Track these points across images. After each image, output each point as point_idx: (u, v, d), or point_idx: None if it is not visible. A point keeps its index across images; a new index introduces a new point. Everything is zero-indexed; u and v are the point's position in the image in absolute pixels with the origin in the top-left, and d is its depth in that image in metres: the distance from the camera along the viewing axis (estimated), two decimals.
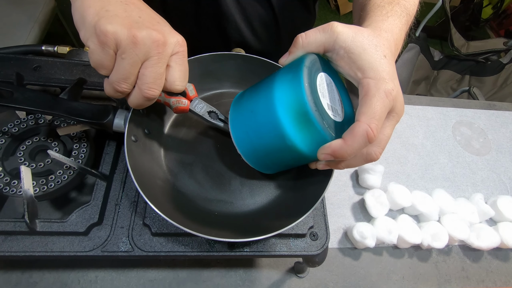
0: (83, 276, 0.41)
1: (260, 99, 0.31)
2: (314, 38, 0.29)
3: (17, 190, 0.35)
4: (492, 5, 2.00)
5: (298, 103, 0.27)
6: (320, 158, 0.28)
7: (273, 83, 0.30)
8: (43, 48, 0.48)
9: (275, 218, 0.35)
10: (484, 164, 0.63)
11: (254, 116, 0.31)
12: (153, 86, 0.28)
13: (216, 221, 0.36)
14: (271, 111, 0.29)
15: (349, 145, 0.26)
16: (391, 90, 0.26)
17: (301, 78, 0.27)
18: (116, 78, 0.28)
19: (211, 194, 0.38)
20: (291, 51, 0.31)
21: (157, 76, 0.28)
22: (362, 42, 0.28)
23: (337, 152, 0.27)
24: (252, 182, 0.39)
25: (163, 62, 0.28)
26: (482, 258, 0.52)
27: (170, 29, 0.30)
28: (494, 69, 1.43)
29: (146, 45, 0.27)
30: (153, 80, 0.28)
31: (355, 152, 0.27)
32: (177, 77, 0.30)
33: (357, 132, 0.26)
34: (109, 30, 0.25)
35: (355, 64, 0.28)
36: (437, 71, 1.52)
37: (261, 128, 0.30)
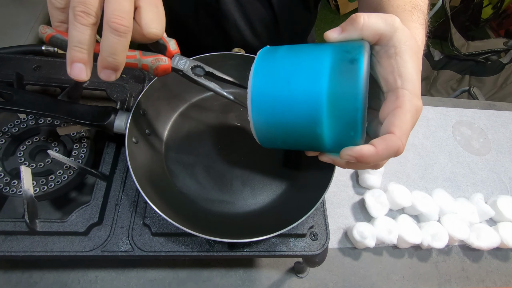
0: (83, 276, 0.41)
1: (305, 73, 0.26)
2: (376, 23, 0.26)
3: (17, 190, 0.35)
4: (492, 5, 2.00)
5: (350, 96, 0.24)
6: (342, 157, 0.26)
7: (324, 61, 0.26)
8: (43, 48, 0.48)
9: (276, 218, 0.36)
10: (484, 164, 0.63)
11: (289, 87, 0.26)
12: (120, 13, 0.24)
13: (217, 222, 0.36)
14: (316, 93, 0.25)
15: (379, 155, 0.25)
16: (419, 106, 0.26)
17: (361, 70, 0.24)
18: (75, 2, 0.24)
19: (213, 194, 0.38)
20: (346, 29, 0.27)
21: (123, 6, 0.24)
22: (412, 49, 0.26)
23: (364, 158, 0.25)
24: (254, 182, 0.39)
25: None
26: (482, 258, 0.52)
27: None
28: (494, 69, 1.43)
29: None
30: (119, 7, 0.24)
31: (380, 162, 0.26)
32: (149, 18, 0.26)
33: (391, 145, 0.25)
34: None
35: (399, 69, 0.26)
36: (437, 71, 1.52)
37: (293, 103, 0.26)
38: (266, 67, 0.28)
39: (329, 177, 0.35)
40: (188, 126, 0.42)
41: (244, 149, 0.41)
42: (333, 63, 0.25)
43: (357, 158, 0.25)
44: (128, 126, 0.34)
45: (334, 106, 0.25)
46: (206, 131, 0.42)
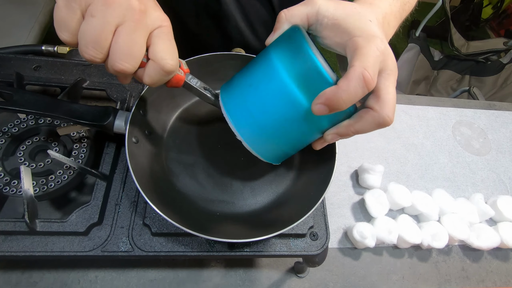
0: (83, 276, 0.41)
1: (260, 71, 0.29)
2: (297, 10, 0.29)
3: (17, 190, 0.35)
4: (492, 5, 2.00)
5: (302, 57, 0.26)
6: (315, 110, 0.26)
7: (269, 51, 0.29)
8: (43, 48, 0.48)
9: (276, 218, 0.36)
10: (484, 164, 0.63)
11: (255, 89, 0.29)
12: (125, 58, 0.25)
13: (217, 222, 0.36)
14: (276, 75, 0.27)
15: (344, 90, 0.24)
16: (379, 44, 0.26)
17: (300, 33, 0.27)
18: (84, 41, 0.24)
19: (213, 194, 0.38)
20: (276, 27, 0.30)
21: (132, 46, 0.25)
22: (345, 9, 0.28)
23: (331, 99, 0.25)
24: (254, 182, 0.39)
25: (141, 31, 0.25)
26: (482, 258, 0.52)
27: (156, 6, 0.27)
28: (494, 69, 1.43)
29: (122, 7, 0.24)
30: (127, 50, 0.24)
31: (351, 98, 0.25)
32: (163, 52, 0.26)
33: (352, 75, 0.24)
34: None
35: (339, 28, 0.28)
36: (437, 71, 1.52)
37: (266, 98, 0.28)
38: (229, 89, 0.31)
39: (328, 177, 0.35)
40: (188, 126, 0.42)
41: (244, 149, 0.41)
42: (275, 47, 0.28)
43: (326, 103, 0.25)
44: (128, 126, 0.34)
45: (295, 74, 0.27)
46: (206, 131, 0.42)
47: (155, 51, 0.26)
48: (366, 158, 0.59)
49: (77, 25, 0.24)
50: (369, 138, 0.62)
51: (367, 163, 0.54)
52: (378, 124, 0.27)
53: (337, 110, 0.25)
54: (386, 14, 0.32)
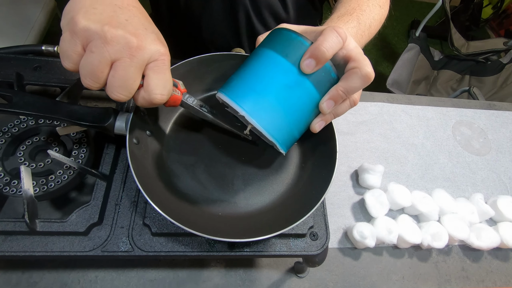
0: (83, 276, 0.41)
1: (252, 57, 0.34)
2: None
3: (17, 190, 0.35)
4: (492, 5, 2.00)
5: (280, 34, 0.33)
6: (303, 67, 0.30)
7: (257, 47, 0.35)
8: (43, 48, 0.48)
9: (277, 218, 0.36)
10: (484, 164, 0.63)
11: (252, 71, 0.33)
12: (120, 90, 0.27)
13: (218, 221, 0.36)
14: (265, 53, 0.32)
15: (323, 41, 0.30)
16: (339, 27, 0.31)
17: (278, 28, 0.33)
18: (83, 72, 0.27)
19: (214, 195, 0.38)
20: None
21: (126, 80, 0.27)
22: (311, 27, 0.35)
23: (315, 51, 0.30)
24: (255, 182, 0.39)
25: (136, 66, 0.27)
26: (482, 258, 0.52)
27: (156, 39, 0.29)
28: (494, 69, 1.43)
29: (119, 45, 0.26)
30: (121, 83, 0.27)
31: (332, 46, 0.30)
32: (154, 85, 0.29)
33: (325, 31, 0.30)
34: (82, 23, 0.25)
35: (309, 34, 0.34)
36: (437, 71, 1.52)
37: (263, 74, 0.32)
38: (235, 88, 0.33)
39: (329, 177, 0.35)
40: (188, 126, 0.42)
41: (245, 149, 0.41)
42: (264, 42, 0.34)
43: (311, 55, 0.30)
44: (129, 127, 0.34)
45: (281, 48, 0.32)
46: (207, 132, 0.42)
47: (146, 84, 0.29)
48: (366, 158, 0.59)
49: (78, 57, 0.27)
50: (369, 138, 0.62)
51: (367, 163, 0.55)
52: (362, 78, 0.31)
53: (323, 60, 0.30)
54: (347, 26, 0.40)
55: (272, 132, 0.32)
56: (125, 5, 0.29)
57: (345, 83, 0.32)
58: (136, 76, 0.28)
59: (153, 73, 0.29)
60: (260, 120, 0.31)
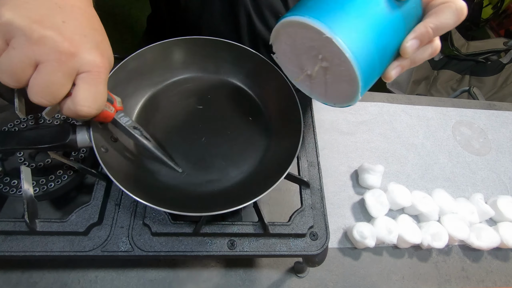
0: (83, 276, 0.41)
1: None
2: None
3: (17, 190, 0.35)
4: (492, 5, 2.00)
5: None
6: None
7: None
8: None
9: (265, 178, 0.36)
10: (484, 164, 0.63)
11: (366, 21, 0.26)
12: (42, 95, 0.25)
13: (211, 201, 0.36)
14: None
15: None
16: None
17: None
18: (1, 68, 0.24)
19: (198, 178, 0.38)
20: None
21: (50, 85, 0.24)
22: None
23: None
24: (233, 155, 0.40)
25: (64, 72, 0.24)
26: (482, 258, 0.52)
27: (93, 49, 0.26)
28: (494, 69, 1.43)
29: (46, 47, 0.23)
30: (44, 88, 0.24)
31: None
32: (82, 97, 0.26)
33: None
34: (6, 15, 0.23)
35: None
36: (437, 71, 1.52)
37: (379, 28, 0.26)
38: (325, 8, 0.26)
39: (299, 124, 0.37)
40: (151, 121, 0.42)
41: (214, 129, 0.42)
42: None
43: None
44: (93, 138, 0.32)
45: None
46: (171, 122, 0.42)
47: (74, 95, 0.26)
48: (366, 158, 0.59)
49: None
50: (369, 138, 0.62)
51: (367, 163, 0.55)
52: (456, 13, 0.28)
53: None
54: None
55: (362, 69, 0.26)
56: (67, 5, 0.25)
57: (436, 19, 0.28)
58: (63, 82, 0.25)
59: (83, 83, 0.26)
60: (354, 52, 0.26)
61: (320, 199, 0.40)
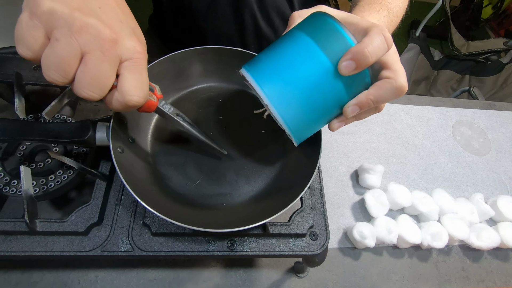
0: (83, 276, 0.41)
1: (286, 41, 0.30)
2: (306, 12, 0.32)
3: (17, 190, 0.35)
4: (492, 5, 2.00)
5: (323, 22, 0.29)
6: (341, 68, 0.27)
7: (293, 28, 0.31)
8: None
9: (275, 201, 0.36)
10: (484, 164, 0.63)
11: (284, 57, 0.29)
12: (91, 88, 0.24)
13: (218, 215, 0.36)
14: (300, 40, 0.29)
15: (368, 44, 0.26)
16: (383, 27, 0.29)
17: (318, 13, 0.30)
18: (47, 64, 0.23)
19: (209, 189, 0.38)
20: (288, 25, 0.33)
21: (99, 76, 0.24)
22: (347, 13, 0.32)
23: (358, 53, 0.26)
24: (246, 170, 0.40)
25: (110, 62, 0.24)
26: (482, 258, 0.52)
27: (132, 35, 0.25)
28: (494, 69, 1.43)
29: (90, 35, 0.22)
30: (93, 80, 0.24)
31: (376, 52, 0.27)
32: (130, 86, 0.25)
33: (372, 33, 0.27)
34: (46, 4, 0.21)
35: (346, 23, 0.30)
36: (437, 71, 1.52)
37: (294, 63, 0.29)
38: (262, 70, 0.30)
39: (317, 151, 0.36)
40: (170, 127, 0.42)
41: (230, 141, 0.42)
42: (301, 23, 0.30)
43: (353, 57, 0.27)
44: (111, 137, 0.33)
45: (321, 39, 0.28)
46: None
47: (121, 85, 0.25)
48: (366, 158, 0.59)
49: (38, 44, 0.23)
50: (369, 138, 0.62)
51: (367, 163, 0.55)
52: (395, 91, 0.29)
53: (364, 65, 0.27)
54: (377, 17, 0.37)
55: (290, 125, 0.31)
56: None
57: (376, 92, 0.29)
58: (110, 73, 0.24)
59: (128, 72, 0.25)
60: (280, 110, 0.29)
61: (320, 199, 0.40)
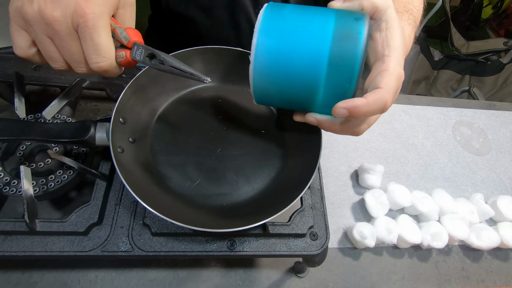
0: (83, 276, 0.41)
1: (310, 30, 0.28)
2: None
3: (17, 190, 0.35)
4: (492, 5, 2.00)
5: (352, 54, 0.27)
6: (335, 111, 0.27)
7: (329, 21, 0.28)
8: None
9: (275, 200, 0.36)
10: (484, 164, 0.63)
11: (295, 43, 0.28)
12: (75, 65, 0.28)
13: (218, 215, 0.36)
14: (322, 41, 0.28)
15: (370, 106, 0.27)
16: (402, 76, 0.29)
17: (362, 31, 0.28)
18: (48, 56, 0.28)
19: (208, 189, 0.38)
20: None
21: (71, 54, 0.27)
22: (401, 25, 0.30)
23: (357, 109, 0.27)
24: (246, 170, 0.40)
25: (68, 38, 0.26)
26: (482, 258, 0.52)
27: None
28: (494, 69, 1.43)
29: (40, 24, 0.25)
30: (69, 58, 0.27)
31: (369, 114, 0.27)
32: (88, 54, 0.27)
33: (380, 97, 0.27)
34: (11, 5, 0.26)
35: (387, 41, 0.29)
36: (437, 71, 1.52)
37: (297, 58, 0.28)
38: (272, 23, 0.29)
39: (317, 151, 0.36)
40: (170, 127, 0.42)
41: (230, 141, 0.42)
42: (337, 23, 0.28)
43: (350, 109, 0.27)
44: (111, 137, 0.33)
45: (335, 58, 0.27)
46: (189, 129, 0.42)
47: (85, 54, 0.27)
48: (366, 158, 0.59)
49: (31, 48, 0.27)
50: (369, 138, 0.62)
51: (367, 163, 0.54)
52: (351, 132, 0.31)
53: (355, 118, 0.28)
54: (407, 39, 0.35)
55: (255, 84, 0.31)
56: None
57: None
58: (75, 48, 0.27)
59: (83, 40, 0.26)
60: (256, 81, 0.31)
61: (320, 199, 0.40)
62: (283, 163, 0.41)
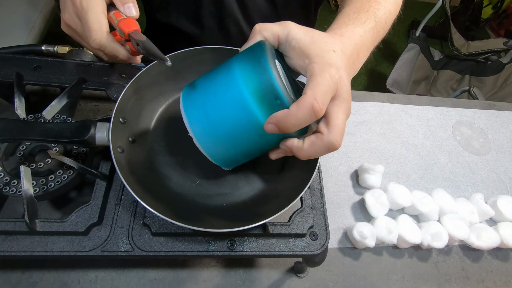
0: (83, 276, 0.41)
1: (220, 77, 0.30)
2: (270, 26, 0.32)
3: (17, 190, 0.35)
4: (492, 5, 2.00)
5: (261, 71, 0.28)
6: (266, 129, 0.28)
7: (233, 60, 0.30)
8: (43, 48, 0.48)
9: (276, 201, 0.36)
10: (484, 164, 0.63)
11: (214, 93, 0.30)
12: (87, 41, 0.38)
13: (218, 215, 0.36)
14: (233, 84, 0.29)
15: (293, 115, 0.26)
16: (334, 74, 0.28)
17: (263, 48, 0.29)
18: None
19: (209, 189, 0.38)
20: (250, 38, 0.33)
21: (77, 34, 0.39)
22: (313, 37, 0.31)
23: (281, 122, 0.27)
24: (246, 170, 0.40)
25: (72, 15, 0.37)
26: (482, 258, 0.52)
27: None
28: (494, 69, 1.43)
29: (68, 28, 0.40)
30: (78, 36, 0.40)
31: (299, 123, 0.27)
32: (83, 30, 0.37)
33: (302, 103, 0.26)
34: None
35: (304, 53, 0.30)
36: (437, 71, 1.52)
37: (223, 104, 0.29)
38: (190, 98, 0.32)
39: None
40: (170, 127, 0.42)
41: None
42: (240, 58, 0.30)
43: (276, 124, 0.27)
44: (111, 137, 0.33)
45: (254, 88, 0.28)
46: None
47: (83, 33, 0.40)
48: (366, 158, 0.59)
49: None
50: (369, 138, 0.62)
51: (367, 163, 0.55)
52: (326, 147, 0.29)
53: (286, 132, 0.27)
54: (356, 45, 0.34)
55: (215, 159, 0.34)
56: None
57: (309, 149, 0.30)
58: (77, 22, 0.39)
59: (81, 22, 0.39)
60: (207, 150, 0.33)
61: (320, 199, 0.40)
62: (283, 163, 0.41)
